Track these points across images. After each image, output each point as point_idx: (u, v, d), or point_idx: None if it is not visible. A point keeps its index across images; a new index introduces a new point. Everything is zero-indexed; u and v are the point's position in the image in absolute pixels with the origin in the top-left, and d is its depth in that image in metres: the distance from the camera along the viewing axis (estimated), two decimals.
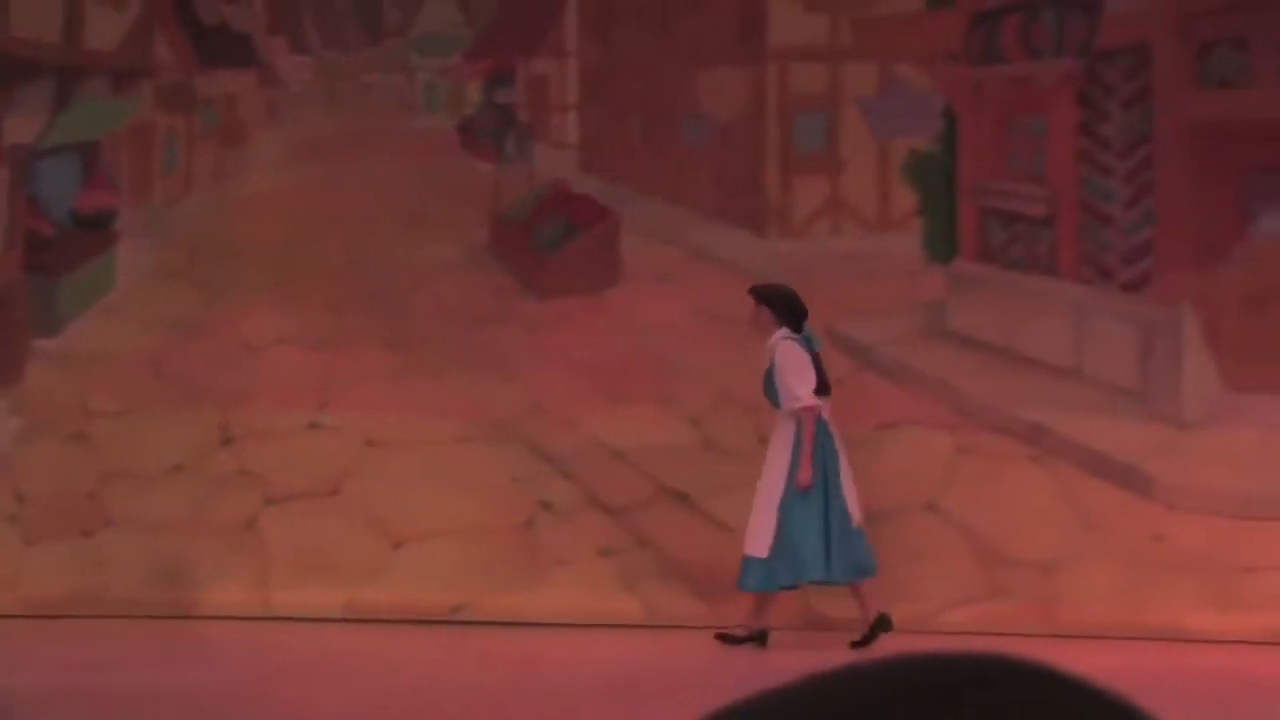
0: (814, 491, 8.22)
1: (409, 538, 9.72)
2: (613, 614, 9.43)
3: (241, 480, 10.14)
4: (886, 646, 8.31)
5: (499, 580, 9.67)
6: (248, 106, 12.31)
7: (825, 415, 8.55)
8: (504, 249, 17.25)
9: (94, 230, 11.02)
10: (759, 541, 8.22)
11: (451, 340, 11.26)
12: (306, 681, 8.17)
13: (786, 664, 7.37)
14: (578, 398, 10.47)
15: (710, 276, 11.32)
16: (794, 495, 8.20)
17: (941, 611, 9.11)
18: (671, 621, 9.33)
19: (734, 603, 9.22)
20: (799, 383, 8.40)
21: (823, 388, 8.60)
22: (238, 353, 10.97)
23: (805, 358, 8.50)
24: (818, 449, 8.29)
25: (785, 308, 8.54)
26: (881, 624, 8.19)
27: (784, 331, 8.45)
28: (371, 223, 11.75)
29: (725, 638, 8.38)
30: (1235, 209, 11.05)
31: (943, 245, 14.13)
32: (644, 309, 11.13)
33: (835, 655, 7.02)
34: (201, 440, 10.37)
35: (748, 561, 8.32)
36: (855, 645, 8.09)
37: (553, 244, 17.18)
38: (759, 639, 8.35)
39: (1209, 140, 11.05)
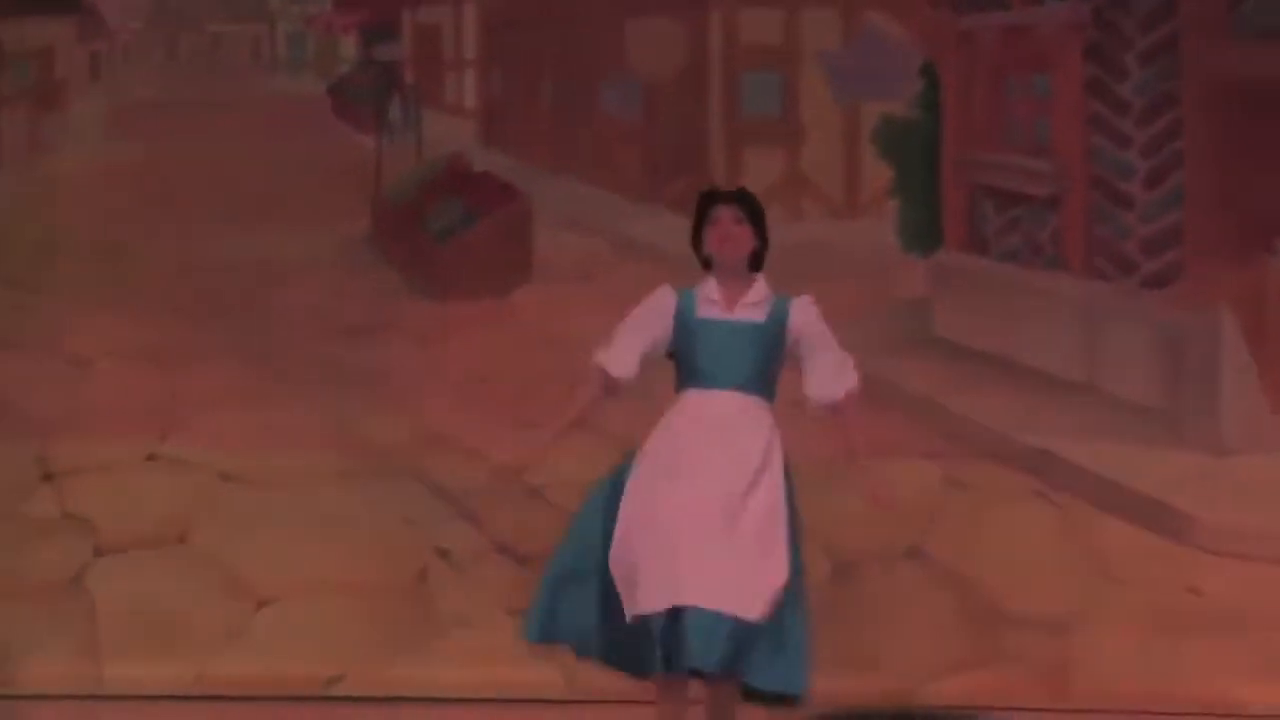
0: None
1: (274, 595, 9.66)
2: (525, 686, 9.38)
3: (65, 526, 10.05)
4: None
5: (385, 646, 9.61)
6: (66, 63, 12.21)
7: None
8: (388, 240, 17.16)
9: None
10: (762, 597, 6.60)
11: (324, 353, 11.21)
12: None
13: None
14: (481, 423, 10.41)
15: (640, 274, 11.34)
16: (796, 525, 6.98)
17: (928, 681, 9.13)
18: (596, 695, 9.28)
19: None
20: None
21: None
22: (59, 369, 10.83)
23: None
24: None
25: (764, 237, 6.95)
26: None
27: (761, 279, 6.93)
28: (223, 209, 11.68)
29: None
30: None
31: (924, 233, 14.18)
32: (560, 314, 11.11)
33: None
34: (15, 477, 10.27)
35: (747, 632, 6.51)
36: None
37: (447, 233, 17.11)
38: None
39: (1250, 103, 11.13)
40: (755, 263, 6.88)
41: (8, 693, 9.44)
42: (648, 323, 6.87)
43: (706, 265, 6.86)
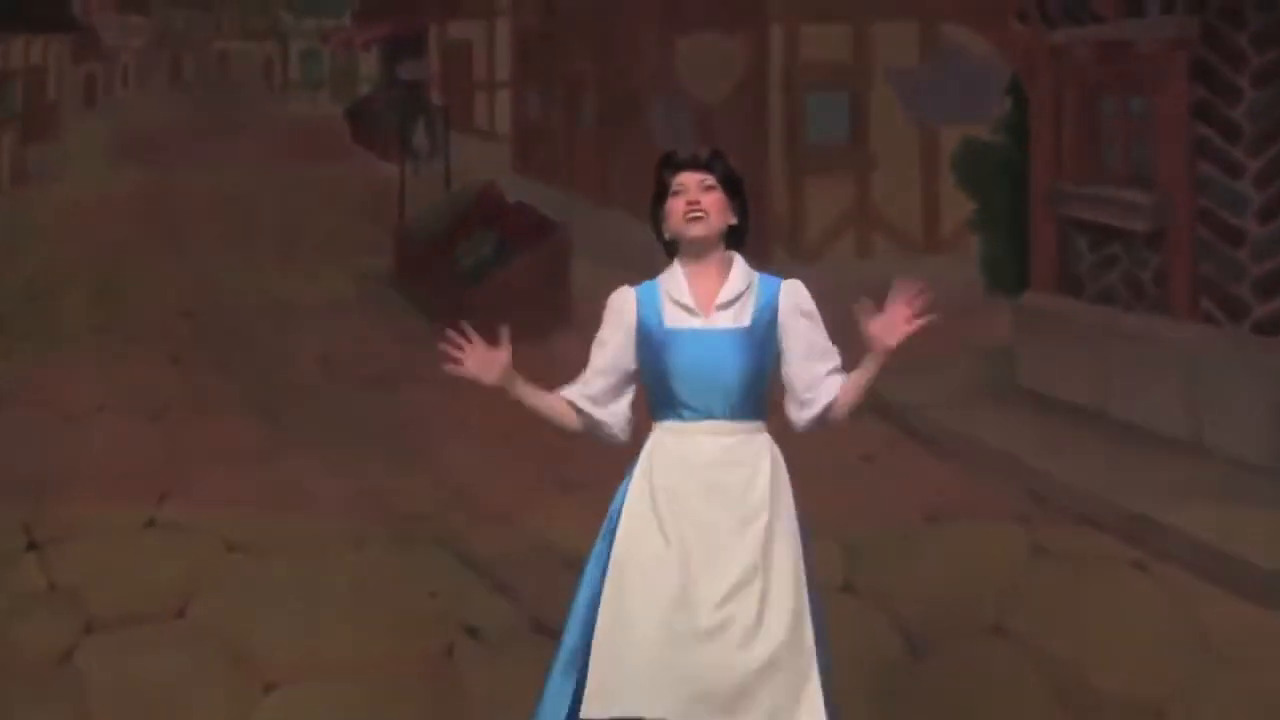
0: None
1: (284, 677, 9.65)
2: None
3: (53, 600, 10.06)
4: None
5: None
6: (60, 85, 12.32)
7: None
8: (413, 278, 17.26)
9: None
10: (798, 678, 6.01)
11: (341, 406, 11.24)
12: None
13: None
14: (515, 483, 10.42)
15: None
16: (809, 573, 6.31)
17: None
18: None
19: None
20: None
21: None
22: (48, 424, 10.87)
23: None
24: None
25: (743, 210, 6.22)
26: None
27: (738, 262, 6.20)
28: (230, 245, 11.76)
29: None
30: None
31: (1010, 271, 14.19)
32: None
33: None
34: None
35: None
36: None
37: (478, 271, 17.22)
38: None
39: None
40: (735, 244, 6.16)
41: None
42: (607, 342, 6.29)
43: (671, 251, 6.20)
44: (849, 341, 6.01)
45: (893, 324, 5.88)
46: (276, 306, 11.57)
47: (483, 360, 6.21)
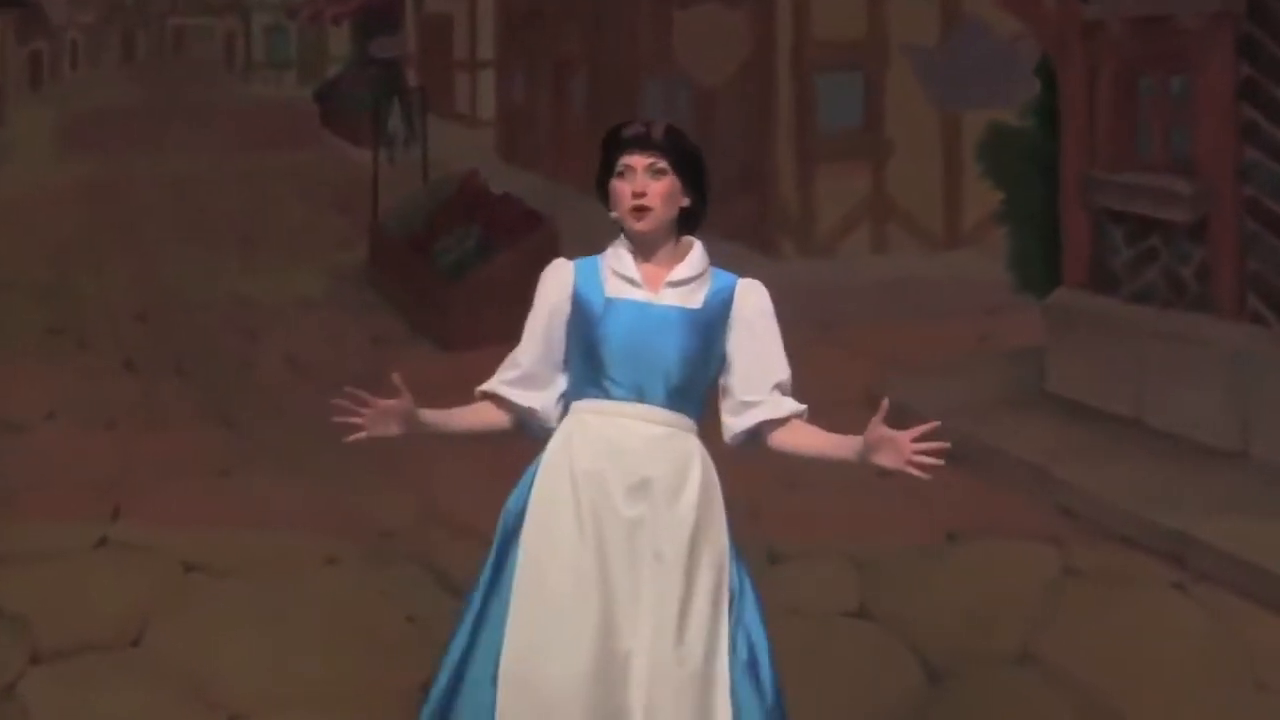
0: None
1: (249, 710, 9.68)
2: None
3: None
4: None
5: None
6: (3, 65, 12.38)
7: None
8: (388, 276, 17.30)
9: None
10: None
11: (310, 414, 11.22)
12: None
13: None
14: (498, 498, 10.41)
15: None
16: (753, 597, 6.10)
17: None
18: None
19: None
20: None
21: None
22: None
23: None
24: None
25: (700, 192, 6.00)
26: None
27: (697, 247, 6.04)
28: (189, 239, 11.79)
29: None
30: None
31: (1039, 267, 14.21)
32: None
33: None
34: None
35: None
36: None
37: (460, 268, 17.25)
38: None
39: None
40: (689, 226, 6.00)
41: None
42: (541, 317, 6.06)
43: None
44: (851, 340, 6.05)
45: (899, 450, 5.73)
46: (239, 307, 11.58)
47: (380, 416, 6.08)
